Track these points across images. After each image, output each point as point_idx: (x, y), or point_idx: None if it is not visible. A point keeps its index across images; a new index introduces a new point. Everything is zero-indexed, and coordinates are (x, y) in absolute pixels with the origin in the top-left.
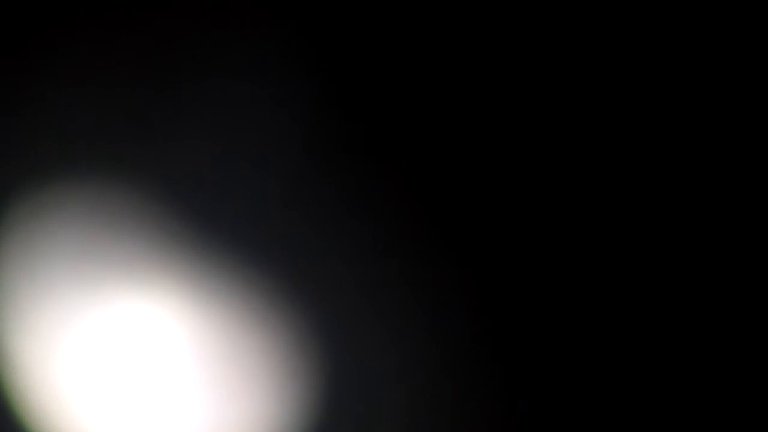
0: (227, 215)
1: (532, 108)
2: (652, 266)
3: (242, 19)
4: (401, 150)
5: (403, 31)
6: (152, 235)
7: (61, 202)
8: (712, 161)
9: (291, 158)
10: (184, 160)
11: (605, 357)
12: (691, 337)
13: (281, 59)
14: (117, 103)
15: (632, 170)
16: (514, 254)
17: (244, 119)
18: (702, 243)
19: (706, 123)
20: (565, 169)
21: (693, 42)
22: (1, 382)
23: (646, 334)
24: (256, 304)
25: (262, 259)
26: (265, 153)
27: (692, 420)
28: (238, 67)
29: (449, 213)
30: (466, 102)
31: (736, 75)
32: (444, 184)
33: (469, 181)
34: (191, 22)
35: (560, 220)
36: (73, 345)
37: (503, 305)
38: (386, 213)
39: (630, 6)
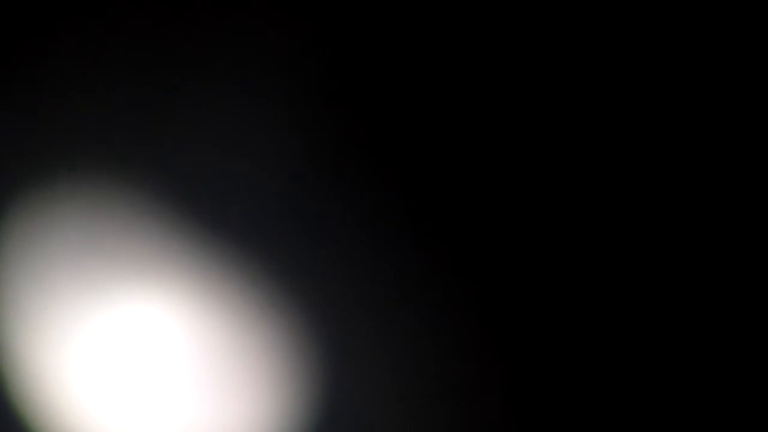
0: (227, 216)
1: (530, 112)
2: (648, 264)
3: (243, 21)
4: (401, 151)
5: (403, 33)
6: (152, 235)
7: (62, 201)
8: (712, 161)
9: (291, 159)
10: (184, 161)
11: (604, 358)
12: (688, 336)
13: (282, 61)
14: (118, 104)
15: (627, 168)
16: (513, 255)
17: (245, 120)
18: (702, 243)
19: (706, 123)
20: (564, 171)
21: (693, 42)
22: (2, 381)
23: (644, 333)
24: (256, 304)
25: (262, 259)
26: (266, 154)
27: (692, 420)
28: (239, 68)
29: (449, 214)
30: (466, 104)
31: (736, 75)
32: (444, 186)
33: (469, 183)
34: (193, 23)
35: (560, 226)
36: (74, 344)
37: (503, 306)
38: (386, 214)
39: (630, 6)
